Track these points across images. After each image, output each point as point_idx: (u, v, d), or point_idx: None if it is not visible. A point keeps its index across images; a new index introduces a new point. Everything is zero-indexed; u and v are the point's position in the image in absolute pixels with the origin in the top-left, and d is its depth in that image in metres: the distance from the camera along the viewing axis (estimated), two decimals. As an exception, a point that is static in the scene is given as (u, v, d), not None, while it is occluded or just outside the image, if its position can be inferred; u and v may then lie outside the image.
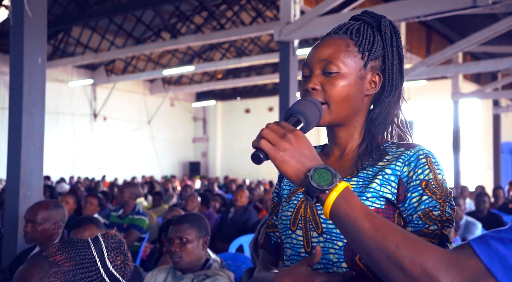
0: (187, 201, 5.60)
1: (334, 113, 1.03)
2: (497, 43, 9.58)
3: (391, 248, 0.75)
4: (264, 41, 14.42)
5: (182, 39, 10.48)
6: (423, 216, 0.96)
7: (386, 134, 1.09)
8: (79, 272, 1.09)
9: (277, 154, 0.85)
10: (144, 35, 13.38)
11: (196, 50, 15.32)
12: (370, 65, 1.05)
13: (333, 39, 1.06)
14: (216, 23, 12.51)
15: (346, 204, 0.80)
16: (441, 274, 0.71)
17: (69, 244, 1.13)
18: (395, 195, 0.99)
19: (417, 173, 0.98)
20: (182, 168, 19.75)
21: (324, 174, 0.82)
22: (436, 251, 0.74)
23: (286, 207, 1.12)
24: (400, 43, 1.08)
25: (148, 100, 17.88)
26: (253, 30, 9.21)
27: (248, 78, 15.80)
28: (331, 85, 1.02)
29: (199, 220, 2.26)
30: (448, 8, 4.71)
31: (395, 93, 1.07)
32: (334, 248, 1.01)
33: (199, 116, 20.70)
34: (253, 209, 5.59)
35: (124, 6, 10.19)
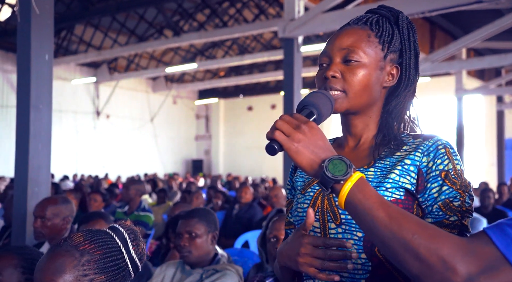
0: (192, 197, 5.64)
1: (352, 101, 1.04)
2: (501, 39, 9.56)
3: (407, 236, 0.76)
4: (267, 39, 14.41)
5: (184, 36, 10.49)
6: (443, 207, 0.96)
7: (400, 127, 1.09)
8: (108, 260, 1.11)
9: (291, 145, 0.85)
10: (146, 33, 13.40)
11: (199, 48, 15.34)
12: (389, 58, 1.06)
13: (354, 29, 1.07)
14: (218, 20, 12.53)
15: (361, 193, 0.81)
16: (457, 262, 0.72)
17: (93, 233, 1.16)
18: (415, 185, 1.00)
19: (437, 163, 0.98)
20: (184, 166, 19.79)
21: (338, 164, 0.83)
22: (451, 238, 0.74)
23: (301, 199, 1.12)
24: (416, 38, 1.09)
25: (150, 98, 17.91)
26: (256, 27, 9.21)
27: (251, 75, 15.80)
28: (352, 74, 1.03)
29: (208, 215, 2.27)
30: (454, 3, 4.71)
31: (411, 87, 1.08)
32: (353, 239, 1.01)
33: (201, 114, 20.73)
34: (257, 206, 5.61)
35: (127, 4, 10.21)
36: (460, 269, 0.72)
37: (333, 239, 0.97)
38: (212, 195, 6.73)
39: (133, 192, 4.27)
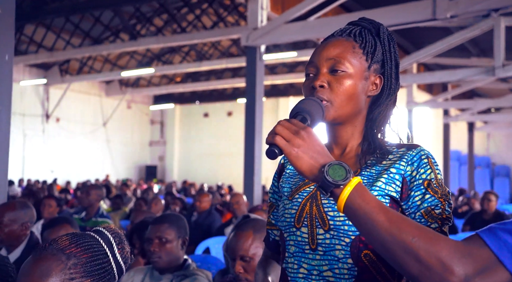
0: (151, 204, 5.58)
1: (339, 110, 1.07)
2: (449, 55, 10.08)
3: (406, 239, 0.79)
4: (225, 46, 14.46)
5: (142, 40, 10.36)
6: (425, 214, 1.01)
7: (384, 135, 1.14)
8: (95, 264, 1.11)
9: (291, 150, 0.88)
10: (102, 36, 13.10)
11: (156, 53, 15.16)
12: (373, 68, 1.10)
13: (339, 41, 1.11)
14: (176, 26, 12.44)
15: (361, 198, 0.85)
16: (454, 263, 0.76)
17: (79, 237, 1.15)
18: (399, 193, 1.04)
19: (420, 173, 1.03)
20: (138, 172, 19.43)
21: (338, 169, 0.86)
22: (449, 242, 0.79)
23: (289, 205, 1.14)
24: (396, 49, 1.14)
25: (104, 102, 17.49)
26: (217, 34, 9.25)
27: (208, 82, 15.77)
28: (338, 84, 1.06)
29: (178, 220, 2.27)
30: (410, 19, 4.96)
31: (392, 96, 1.13)
32: (340, 245, 1.04)
33: (156, 120, 20.45)
34: (216, 212, 5.62)
35: (83, 6, 9.94)
36: (457, 270, 0.76)
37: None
38: (170, 201, 6.67)
39: (94, 197, 4.19)
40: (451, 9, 4.81)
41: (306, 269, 1.09)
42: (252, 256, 1.83)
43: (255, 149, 5.75)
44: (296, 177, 1.19)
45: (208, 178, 17.25)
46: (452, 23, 6.94)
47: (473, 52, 11.08)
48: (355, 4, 8.18)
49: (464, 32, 7.58)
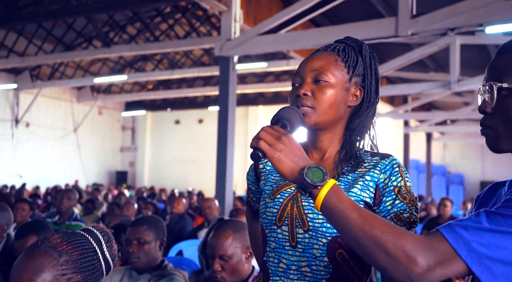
0: (123, 208, 5.53)
1: (321, 116, 1.13)
2: (409, 69, 10.41)
3: (377, 234, 0.85)
4: (197, 55, 14.46)
5: (115, 48, 10.24)
6: (395, 218, 1.09)
7: (361, 144, 1.20)
8: (85, 261, 1.14)
9: (274, 154, 0.94)
10: (74, 42, 12.89)
11: (128, 60, 15.01)
12: (354, 80, 1.17)
13: (323, 54, 1.17)
14: (149, 34, 12.37)
15: (336, 197, 0.91)
16: (418, 255, 0.82)
17: (70, 235, 1.18)
18: (372, 199, 1.11)
19: (391, 180, 1.11)
20: (108, 177, 19.09)
21: (316, 172, 0.92)
22: (414, 236, 0.85)
23: (271, 203, 1.18)
24: (377, 66, 1.22)
25: (75, 107, 17.15)
26: (191, 43, 9.27)
27: (180, 90, 15.70)
28: (321, 92, 1.12)
29: (156, 222, 2.29)
30: (375, 35, 5.14)
31: (371, 108, 1.19)
32: (318, 244, 1.10)
33: (127, 126, 20.17)
34: (188, 217, 5.63)
35: (56, 12, 9.76)
36: (420, 261, 0.82)
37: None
38: (142, 206, 6.63)
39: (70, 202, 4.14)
40: (412, 27, 5.01)
41: (286, 264, 1.14)
42: (230, 256, 1.86)
43: (227, 155, 5.79)
44: (276, 175, 1.24)
45: (179, 184, 17.12)
46: (412, 40, 7.21)
47: (431, 67, 11.44)
48: (323, 19, 8.37)
49: (423, 49, 7.88)
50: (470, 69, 9.63)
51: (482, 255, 0.81)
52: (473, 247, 0.82)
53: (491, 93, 0.95)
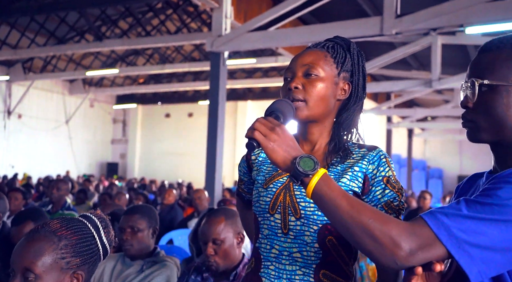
0: (115, 198, 5.52)
1: (311, 109, 1.15)
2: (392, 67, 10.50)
3: (364, 221, 0.87)
4: (188, 51, 14.38)
5: (107, 42, 10.14)
6: (385, 206, 1.11)
7: (349, 137, 1.22)
8: (83, 245, 1.15)
9: (268, 144, 0.95)
10: (67, 36, 12.71)
11: (120, 54, 14.86)
12: (342, 75, 1.19)
13: (313, 51, 1.20)
14: (141, 29, 12.27)
15: (326, 186, 0.92)
16: (402, 240, 0.84)
17: (69, 221, 1.19)
18: (361, 189, 1.13)
19: (380, 170, 1.13)
20: (99, 168, 18.95)
21: (307, 161, 0.93)
22: (398, 223, 0.87)
23: (264, 193, 1.20)
24: (364, 64, 1.24)
25: (67, 100, 16.96)
26: (182, 39, 9.22)
27: (170, 84, 15.61)
28: (311, 86, 1.14)
29: (149, 211, 2.30)
30: (361, 34, 5.17)
31: (359, 103, 1.21)
32: (309, 231, 1.13)
33: (119, 119, 20.01)
34: (178, 207, 5.64)
35: (49, 6, 9.61)
36: (404, 246, 0.84)
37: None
38: (133, 196, 6.61)
39: (63, 192, 4.12)
40: (396, 26, 5.05)
41: (278, 250, 1.16)
42: (222, 240, 1.90)
43: (217, 148, 5.80)
44: (268, 165, 1.26)
45: (168, 176, 17.07)
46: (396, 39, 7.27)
47: (413, 65, 11.54)
48: (311, 17, 8.38)
49: (406, 48, 7.95)
50: (451, 68, 9.74)
51: (461, 240, 0.84)
52: (453, 233, 0.84)
53: (473, 89, 0.98)
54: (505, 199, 0.85)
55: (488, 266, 0.84)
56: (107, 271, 2.21)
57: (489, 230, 0.84)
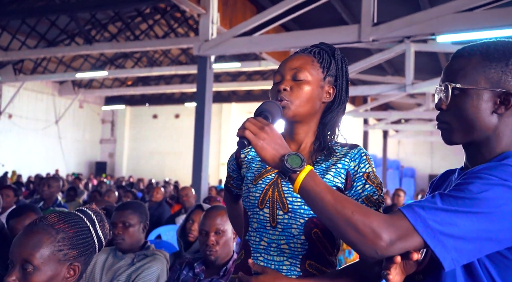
0: (104, 196, 5.46)
1: (298, 110, 1.17)
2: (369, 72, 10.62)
3: (348, 214, 0.89)
4: (175, 54, 14.31)
5: (97, 45, 10.00)
6: (366, 200, 1.14)
7: (332, 136, 1.24)
8: (80, 238, 1.15)
9: (258, 142, 0.97)
10: (57, 38, 12.50)
11: (109, 57, 14.69)
12: (328, 80, 1.21)
13: (301, 56, 1.22)
14: (130, 33, 12.15)
15: (312, 181, 0.94)
16: (383, 231, 0.87)
17: (66, 214, 1.19)
18: (344, 184, 1.16)
19: (361, 167, 1.16)
20: (88, 167, 18.69)
21: (295, 158, 0.95)
22: (379, 215, 0.89)
23: (253, 189, 1.22)
24: (347, 69, 1.27)
25: (56, 101, 16.69)
26: (170, 43, 9.17)
27: (158, 86, 15.50)
28: (299, 88, 1.17)
29: (140, 207, 2.30)
30: (339, 41, 5.22)
31: (342, 105, 1.24)
32: (296, 224, 1.15)
33: (107, 119, 19.78)
34: (166, 204, 5.61)
35: (40, 9, 9.46)
36: (384, 236, 0.87)
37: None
38: (122, 194, 6.55)
39: (54, 189, 4.07)
40: (373, 34, 5.11)
41: (267, 242, 1.18)
42: (224, 231, 1.94)
43: (203, 148, 5.79)
44: (257, 163, 1.27)
45: (155, 174, 16.95)
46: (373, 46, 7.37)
47: (388, 71, 11.68)
48: (293, 24, 8.43)
49: (382, 54, 8.06)
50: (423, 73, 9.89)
51: (436, 231, 0.86)
52: (429, 224, 0.87)
53: (446, 93, 1.01)
54: (475, 193, 0.88)
55: (460, 255, 0.87)
56: (98, 264, 2.20)
57: (461, 221, 0.87)
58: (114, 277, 2.11)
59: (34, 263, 1.08)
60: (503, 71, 0.96)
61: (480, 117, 0.97)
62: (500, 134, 0.98)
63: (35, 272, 1.08)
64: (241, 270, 1.20)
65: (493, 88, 0.97)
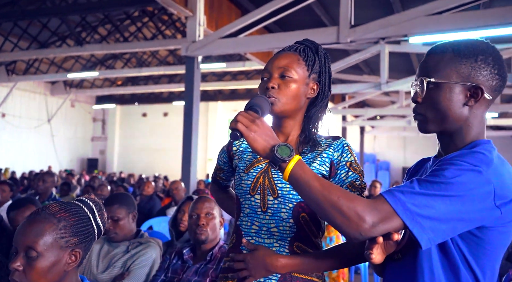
0: (97, 190, 5.41)
1: (285, 106, 1.19)
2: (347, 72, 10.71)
3: (333, 199, 0.91)
4: (163, 55, 14.18)
5: (87, 47, 9.85)
6: (350, 186, 1.17)
7: (317, 129, 1.26)
8: (80, 226, 1.15)
9: (249, 134, 0.98)
10: (49, 40, 12.26)
11: (99, 58, 14.47)
12: (312, 77, 1.22)
13: (288, 54, 1.22)
14: (119, 35, 11.99)
15: (301, 169, 0.96)
16: (366, 214, 0.89)
17: (66, 204, 1.18)
18: (328, 172, 1.19)
19: (343, 156, 1.19)
20: (80, 164, 18.43)
21: (284, 149, 0.97)
22: (362, 200, 0.91)
23: (245, 177, 1.24)
24: (330, 65, 1.28)
25: (49, 100, 16.38)
26: (158, 44, 9.08)
27: (147, 86, 15.36)
28: (286, 86, 1.18)
29: (126, 198, 2.24)
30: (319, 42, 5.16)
31: (325, 100, 1.26)
32: (285, 208, 1.17)
33: (98, 118, 19.51)
34: (156, 198, 5.58)
35: (32, 12, 9.25)
36: (367, 219, 0.89)
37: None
38: (114, 188, 6.49)
39: (49, 184, 4.01)
40: (350, 35, 5.16)
41: (258, 226, 1.20)
42: (212, 214, 1.99)
43: (192, 144, 5.77)
44: (248, 154, 1.29)
45: (145, 170, 16.81)
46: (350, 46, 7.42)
47: (365, 70, 11.79)
48: (276, 27, 8.45)
49: (358, 55, 8.12)
50: (396, 73, 10.02)
51: (414, 213, 0.89)
52: (408, 207, 0.89)
53: (421, 87, 1.03)
54: (449, 178, 0.91)
55: (436, 234, 0.90)
56: (94, 252, 2.17)
57: (437, 204, 0.89)
58: (110, 264, 2.09)
59: (37, 250, 1.07)
60: (472, 66, 0.99)
61: (452, 109, 1.00)
62: (470, 125, 1.01)
63: (38, 258, 1.07)
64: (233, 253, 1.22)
65: (464, 82, 0.99)
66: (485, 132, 1.05)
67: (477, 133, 1.02)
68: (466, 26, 4.66)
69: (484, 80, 0.99)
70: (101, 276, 2.06)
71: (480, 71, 0.99)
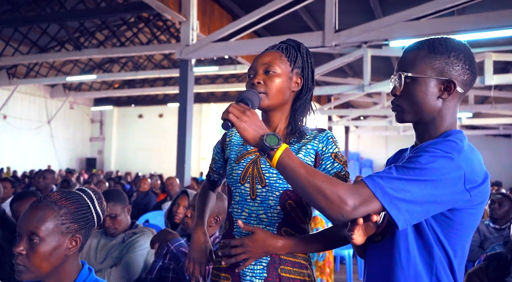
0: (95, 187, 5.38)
1: (271, 100, 1.20)
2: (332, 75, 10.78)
3: (318, 184, 0.92)
4: (158, 60, 14.11)
5: (86, 51, 9.76)
6: (335, 176, 1.18)
7: (302, 121, 1.27)
8: (80, 213, 1.15)
9: (240, 124, 0.99)
10: (48, 45, 12.12)
11: (97, 62, 14.36)
12: (295, 71, 1.24)
13: (271, 52, 1.24)
14: (116, 40, 11.91)
15: (288, 157, 0.97)
16: (348, 198, 0.90)
17: (67, 193, 1.18)
18: (313, 163, 1.20)
19: (328, 148, 1.20)
20: (79, 163, 18.26)
21: (273, 138, 0.98)
22: (344, 185, 0.93)
23: (236, 167, 1.25)
24: (312, 60, 1.29)
25: (48, 102, 16.20)
26: (153, 49, 9.05)
27: (143, 88, 15.27)
28: (270, 81, 1.19)
29: (119, 195, 2.22)
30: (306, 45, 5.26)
31: (309, 93, 1.27)
32: (273, 196, 1.18)
33: (96, 119, 19.34)
34: (152, 194, 5.56)
35: (32, 18, 9.15)
36: (349, 202, 0.90)
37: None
38: (112, 185, 6.46)
39: (50, 181, 3.98)
40: (335, 39, 5.20)
41: (247, 213, 1.21)
42: None
43: (186, 143, 5.77)
44: (239, 146, 1.30)
45: (141, 169, 16.72)
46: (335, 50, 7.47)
47: (349, 73, 11.87)
48: (264, 31, 8.48)
49: (343, 58, 8.19)
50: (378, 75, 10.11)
51: (392, 196, 0.91)
52: (386, 191, 0.91)
53: (399, 81, 1.05)
54: (424, 164, 0.93)
55: (412, 216, 0.92)
56: (92, 246, 2.16)
57: (412, 188, 0.91)
58: (107, 255, 2.09)
59: (40, 235, 1.08)
60: (446, 62, 1.02)
61: (427, 102, 1.02)
62: (443, 116, 1.04)
63: (41, 242, 1.08)
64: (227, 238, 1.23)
65: (438, 76, 1.02)
66: (457, 124, 1.08)
67: (450, 123, 1.05)
68: (442, 31, 4.72)
69: (456, 75, 1.02)
70: (99, 267, 2.06)
71: (453, 66, 1.01)
